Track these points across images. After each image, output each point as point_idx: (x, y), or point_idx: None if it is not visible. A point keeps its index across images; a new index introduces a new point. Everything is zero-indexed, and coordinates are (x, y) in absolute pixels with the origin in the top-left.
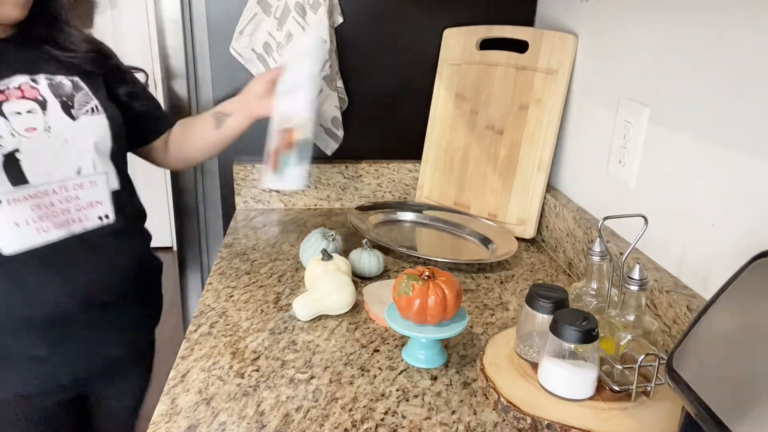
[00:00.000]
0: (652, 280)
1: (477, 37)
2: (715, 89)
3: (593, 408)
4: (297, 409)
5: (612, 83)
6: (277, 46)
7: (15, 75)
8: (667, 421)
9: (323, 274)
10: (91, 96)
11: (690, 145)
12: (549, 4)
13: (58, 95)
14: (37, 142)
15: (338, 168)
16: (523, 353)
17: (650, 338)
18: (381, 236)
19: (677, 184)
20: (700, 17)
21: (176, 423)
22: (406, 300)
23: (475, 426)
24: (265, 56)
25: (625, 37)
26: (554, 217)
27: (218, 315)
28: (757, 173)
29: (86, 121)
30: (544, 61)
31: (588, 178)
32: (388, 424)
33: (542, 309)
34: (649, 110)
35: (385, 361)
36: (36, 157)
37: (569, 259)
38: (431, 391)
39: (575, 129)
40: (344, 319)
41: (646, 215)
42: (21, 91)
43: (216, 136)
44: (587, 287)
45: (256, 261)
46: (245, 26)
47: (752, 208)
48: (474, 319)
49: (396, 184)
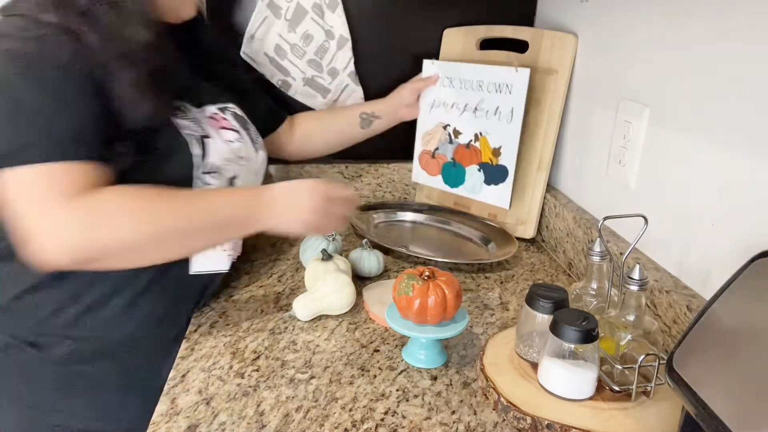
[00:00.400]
0: (652, 280)
1: (477, 37)
2: (715, 89)
3: (593, 408)
4: (297, 409)
5: (612, 83)
6: (292, 48)
7: (207, 105)
8: (667, 421)
9: (323, 274)
10: (255, 130)
11: (690, 145)
12: (549, 4)
13: (243, 127)
14: (245, 171)
15: (338, 168)
16: (523, 353)
17: (650, 338)
18: (381, 236)
19: (677, 184)
20: (701, 17)
21: (176, 423)
22: (406, 300)
23: (475, 426)
24: (278, 60)
25: (625, 37)
26: (554, 217)
27: (218, 315)
28: (758, 173)
29: (261, 156)
30: (544, 61)
31: (588, 178)
32: (388, 424)
33: (542, 309)
34: (649, 110)
35: (385, 361)
36: (244, 185)
37: (569, 259)
38: (431, 391)
39: (575, 129)
40: (344, 319)
41: (646, 215)
42: (216, 120)
43: (360, 134)
44: (587, 287)
45: (256, 261)
46: (256, 30)
47: (752, 208)
48: (474, 319)
49: (396, 184)
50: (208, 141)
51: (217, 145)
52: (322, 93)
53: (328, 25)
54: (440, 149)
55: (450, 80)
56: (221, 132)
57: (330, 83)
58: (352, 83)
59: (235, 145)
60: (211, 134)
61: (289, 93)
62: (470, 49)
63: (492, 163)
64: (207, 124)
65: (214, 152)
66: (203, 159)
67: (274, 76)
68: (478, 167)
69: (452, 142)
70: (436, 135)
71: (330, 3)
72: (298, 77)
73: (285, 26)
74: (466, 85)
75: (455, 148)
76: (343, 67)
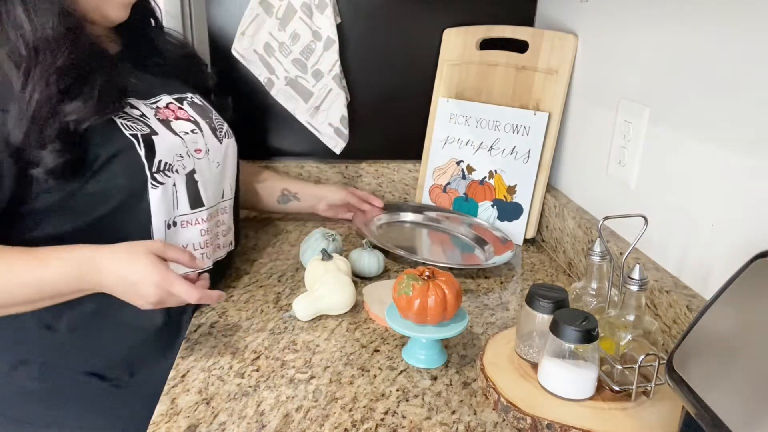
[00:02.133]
0: (652, 280)
1: (477, 37)
2: (715, 89)
3: (593, 408)
4: (297, 409)
5: (612, 83)
6: (280, 47)
7: (161, 94)
8: (667, 421)
9: (323, 274)
10: (219, 117)
11: (690, 145)
12: (549, 4)
13: (203, 116)
14: (204, 164)
15: (338, 168)
16: (523, 353)
17: (650, 338)
18: (382, 237)
19: (677, 184)
20: (701, 17)
21: (176, 423)
22: (406, 300)
23: (475, 426)
24: (266, 57)
25: (625, 37)
26: (554, 217)
27: (218, 315)
28: (758, 173)
29: (228, 144)
30: (544, 61)
31: (588, 178)
32: (388, 424)
33: (542, 309)
34: (649, 110)
35: (385, 361)
36: (205, 179)
37: (569, 259)
38: (431, 391)
39: (575, 129)
40: (344, 319)
41: (646, 215)
42: (172, 111)
43: (274, 207)
44: (587, 287)
45: (256, 261)
46: (247, 27)
47: (752, 208)
48: (474, 319)
49: (396, 184)
50: (155, 138)
51: (166, 141)
52: (304, 97)
53: (315, 25)
54: (452, 184)
55: (466, 118)
56: (175, 123)
57: (314, 85)
58: (337, 87)
59: (189, 137)
60: (158, 130)
61: (272, 93)
62: (470, 49)
63: (506, 200)
64: (159, 116)
65: (163, 149)
66: (153, 159)
67: (261, 74)
68: (492, 203)
69: (465, 178)
70: (448, 170)
71: (319, 3)
72: (282, 76)
73: (276, 24)
74: (482, 123)
75: (468, 183)
76: (328, 70)
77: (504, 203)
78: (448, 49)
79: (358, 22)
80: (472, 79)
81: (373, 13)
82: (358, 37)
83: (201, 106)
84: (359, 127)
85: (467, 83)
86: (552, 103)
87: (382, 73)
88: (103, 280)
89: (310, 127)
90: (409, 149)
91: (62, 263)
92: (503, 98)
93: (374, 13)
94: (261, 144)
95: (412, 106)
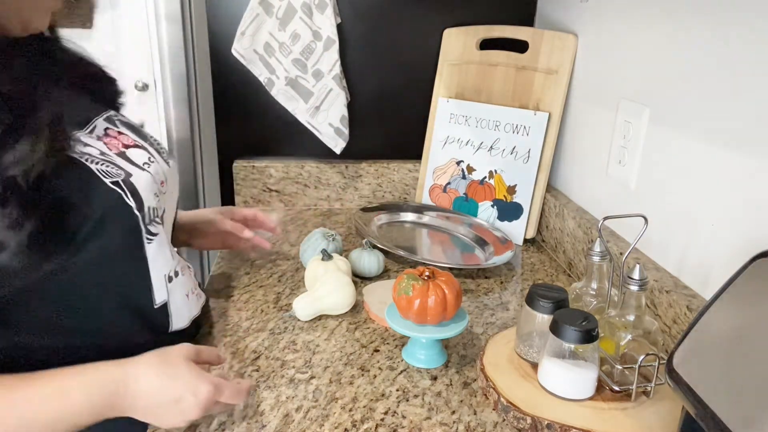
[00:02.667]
0: (652, 280)
1: (477, 37)
2: (715, 89)
3: (593, 408)
4: (297, 409)
5: (612, 83)
6: (280, 47)
7: (92, 118)
8: (667, 421)
9: (323, 274)
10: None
11: (690, 145)
12: (549, 4)
13: (142, 137)
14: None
15: (338, 168)
16: (523, 353)
17: (650, 338)
18: (382, 237)
19: (677, 184)
20: (700, 17)
21: None
22: (406, 300)
23: (475, 426)
24: (266, 57)
25: (625, 37)
26: (554, 217)
27: (218, 315)
28: (758, 173)
29: (173, 167)
30: (544, 61)
31: (588, 178)
32: (388, 424)
33: (542, 309)
34: (649, 110)
35: (385, 361)
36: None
37: (569, 259)
38: (431, 391)
39: (575, 129)
40: (344, 319)
41: (646, 215)
42: (114, 137)
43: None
44: (587, 287)
45: (256, 261)
46: (247, 27)
47: (752, 208)
48: (474, 319)
49: (396, 184)
50: (133, 181)
51: (142, 181)
52: (304, 97)
53: (316, 25)
54: (452, 184)
55: (466, 118)
56: (131, 154)
57: (314, 85)
58: (337, 87)
59: (153, 168)
60: (129, 169)
61: (272, 93)
62: (470, 49)
63: (506, 200)
64: (111, 149)
65: (144, 192)
66: (143, 208)
67: (261, 74)
68: (492, 203)
69: (465, 178)
70: (448, 170)
71: (319, 3)
72: (282, 76)
73: (276, 24)
74: (482, 124)
75: (468, 183)
76: (329, 70)
77: (504, 203)
78: (448, 49)
79: (358, 22)
80: (472, 79)
81: (373, 13)
82: (358, 37)
83: (131, 124)
84: (359, 127)
85: (467, 83)
86: (552, 103)
87: (382, 73)
88: (135, 404)
89: (310, 127)
90: (409, 149)
91: (86, 390)
92: (503, 98)
93: (374, 13)
94: (261, 144)
95: (412, 106)
